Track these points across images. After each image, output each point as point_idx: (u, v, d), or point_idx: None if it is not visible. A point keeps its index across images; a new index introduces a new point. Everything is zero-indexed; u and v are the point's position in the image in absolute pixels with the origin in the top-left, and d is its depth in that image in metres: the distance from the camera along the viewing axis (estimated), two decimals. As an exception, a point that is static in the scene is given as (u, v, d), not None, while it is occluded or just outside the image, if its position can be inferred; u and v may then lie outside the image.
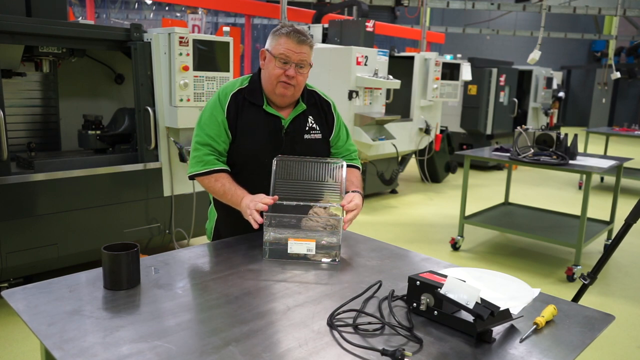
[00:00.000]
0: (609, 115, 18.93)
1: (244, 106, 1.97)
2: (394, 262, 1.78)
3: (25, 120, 3.83)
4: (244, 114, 1.96)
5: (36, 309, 1.32)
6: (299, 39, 1.88)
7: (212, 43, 3.58)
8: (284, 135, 1.99)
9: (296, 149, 1.98)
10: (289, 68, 1.88)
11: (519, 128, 4.57)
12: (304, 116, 2.03)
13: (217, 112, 1.96)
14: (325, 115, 2.09)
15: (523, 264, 4.43)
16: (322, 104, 2.10)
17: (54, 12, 3.32)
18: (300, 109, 2.02)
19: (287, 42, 1.87)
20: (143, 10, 12.13)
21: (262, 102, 1.97)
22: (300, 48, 1.88)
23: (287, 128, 1.99)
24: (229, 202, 1.91)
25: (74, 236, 3.31)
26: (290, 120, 2.00)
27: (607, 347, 3.04)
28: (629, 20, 16.54)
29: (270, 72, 1.92)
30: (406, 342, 1.23)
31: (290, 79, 1.89)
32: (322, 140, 2.07)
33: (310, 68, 1.96)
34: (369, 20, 6.46)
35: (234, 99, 1.97)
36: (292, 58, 1.88)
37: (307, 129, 2.03)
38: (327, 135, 2.09)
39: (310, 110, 2.05)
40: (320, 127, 2.07)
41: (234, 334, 1.24)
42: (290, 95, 1.95)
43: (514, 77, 8.94)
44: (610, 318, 1.42)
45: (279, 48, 1.88)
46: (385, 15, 16.27)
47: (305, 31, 1.93)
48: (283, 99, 1.96)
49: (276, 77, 1.90)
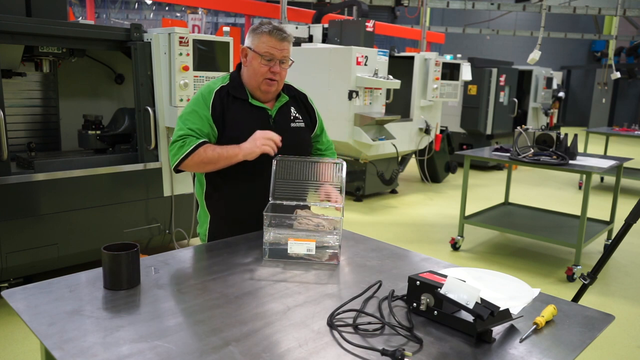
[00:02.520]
0: (609, 115, 18.93)
1: (229, 101, 2.01)
2: (394, 262, 1.78)
3: (25, 120, 3.83)
4: (231, 108, 2.00)
5: (36, 309, 1.32)
6: (281, 36, 1.95)
7: (212, 43, 3.58)
8: (273, 124, 2.05)
9: (285, 136, 2.00)
10: (274, 65, 1.96)
11: (519, 128, 4.56)
12: (287, 107, 2.12)
13: (199, 108, 1.98)
14: (305, 107, 2.18)
15: (523, 264, 4.43)
16: (299, 96, 2.19)
17: (54, 12, 3.32)
18: (284, 100, 2.10)
19: (269, 40, 1.94)
20: (143, 10, 12.13)
21: (246, 96, 2.03)
22: (282, 45, 1.96)
23: (274, 117, 2.06)
24: (227, 160, 1.91)
25: (74, 236, 3.31)
26: (276, 110, 2.07)
27: (607, 347, 3.04)
28: (629, 20, 16.54)
29: (255, 70, 1.97)
30: (406, 342, 1.23)
31: (275, 75, 1.97)
32: (305, 128, 2.15)
33: (292, 64, 2.04)
34: (369, 20, 6.46)
35: (218, 95, 2.00)
36: (276, 55, 1.95)
37: (292, 118, 2.11)
38: (310, 124, 2.18)
39: (292, 102, 2.14)
40: (302, 116, 2.15)
41: (234, 334, 1.24)
42: (274, 90, 2.03)
43: (514, 77, 8.94)
44: (610, 318, 1.42)
45: (262, 46, 1.95)
46: (385, 15, 16.27)
47: (284, 27, 2.00)
48: (267, 95, 2.03)
49: (262, 75, 1.96)
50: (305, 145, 2.16)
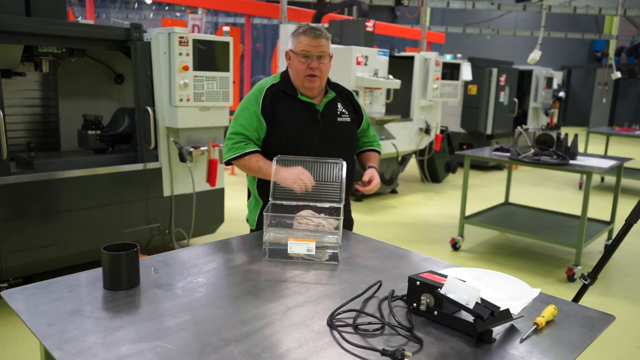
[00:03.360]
0: (610, 115, 18.93)
1: (280, 97, 2.16)
2: (394, 262, 1.78)
3: (25, 120, 3.83)
4: (281, 103, 2.15)
5: (36, 309, 1.32)
6: (315, 33, 2.09)
7: (212, 43, 3.58)
8: (320, 118, 2.17)
9: (332, 131, 2.17)
10: (311, 61, 2.09)
11: (519, 128, 4.56)
12: (334, 102, 2.24)
13: (250, 105, 2.15)
14: (351, 103, 2.32)
15: (523, 264, 4.43)
16: (346, 93, 2.33)
17: (53, 12, 3.32)
18: (331, 96, 2.23)
19: (305, 39, 2.09)
20: (143, 10, 12.12)
21: (295, 92, 2.18)
22: (317, 42, 2.08)
23: (322, 112, 2.18)
24: (264, 176, 2.09)
25: (73, 236, 3.31)
26: (323, 105, 2.20)
27: (607, 347, 3.04)
28: (629, 20, 16.53)
29: (296, 69, 2.13)
30: (406, 342, 1.23)
31: (314, 70, 2.09)
32: (351, 123, 2.27)
33: (331, 58, 2.16)
34: (369, 20, 6.45)
35: (269, 92, 2.16)
36: (312, 52, 2.08)
37: (339, 113, 2.23)
38: (356, 120, 2.31)
39: (338, 98, 2.26)
40: (349, 112, 2.27)
41: (234, 334, 1.23)
42: (317, 86, 2.15)
43: (514, 77, 8.94)
44: (611, 318, 1.42)
45: (299, 46, 2.10)
46: (385, 15, 16.26)
47: (319, 26, 2.13)
48: (311, 90, 2.16)
49: (302, 72, 2.10)
50: (351, 139, 2.28)
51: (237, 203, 5.63)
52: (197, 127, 3.69)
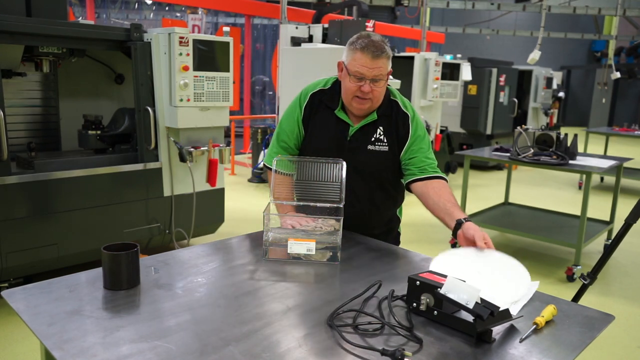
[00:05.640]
0: (609, 115, 18.93)
1: (319, 108, 2.02)
2: (394, 262, 1.78)
3: (25, 120, 3.83)
4: (318, 115, 2.02)
5: (36, 309, 1.32)
6: (374, 54, 1.81)
7: (212, 43, 3.58)
8: (347, 142, 1.98)
9: (358, 158, 1.95)
10: (364, 84, 1.84)
11: (519, 128, 4.56)
12: (374, 126, 1.98)
13: (295, 108, 2.06)
14: (397, 128, 2.00)
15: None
16: (398, 116, 2.01)
17: (54, 12, 3.32)
18: (371, 119, 1.97)
19: (361, 57, 1.82)
20: (143, 10, 12.12)
21: (336, 106, 1.99)
22: (375, 63, 1.82)
23: (351, 135, 1.98)
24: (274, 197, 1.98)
25: (74, 236, 3.31)
26: (357, 128, 1.98)
27: (607, 347, 3.04)
28: (629, 20, 16.53)
29: (346, 87, 1.90)
30: (406, 342, 1.23)
31: (366, 94, 1.86)
32: (388, 153, 2.00)
33: (389, 75, 1.91)
34: (369, 20, 6.45)
35: (312, 99, 2.03)
36: (367, 75, 1.83)
37: (373, 140, 1.99)
38: (396, 149, 2.01)
39: (382, 121, 1.99)
40: (389, 139, 1.99)
41: (234, 334, 1.23)
42: (367, 108, 1.92)
43: (514, 77, 8.94)
44: (610, 318, 1.42)
45: (353, 64, 1.84)
46: (385, 15, 16.26)
47: (381, 43, 1.85)
48: (359, 111, 1.96)
49: (352, 93, 1.89)
50: (381, 170, 2.02)
51: (237, 203, 5.63)
52: (197, 127, 3.69)
